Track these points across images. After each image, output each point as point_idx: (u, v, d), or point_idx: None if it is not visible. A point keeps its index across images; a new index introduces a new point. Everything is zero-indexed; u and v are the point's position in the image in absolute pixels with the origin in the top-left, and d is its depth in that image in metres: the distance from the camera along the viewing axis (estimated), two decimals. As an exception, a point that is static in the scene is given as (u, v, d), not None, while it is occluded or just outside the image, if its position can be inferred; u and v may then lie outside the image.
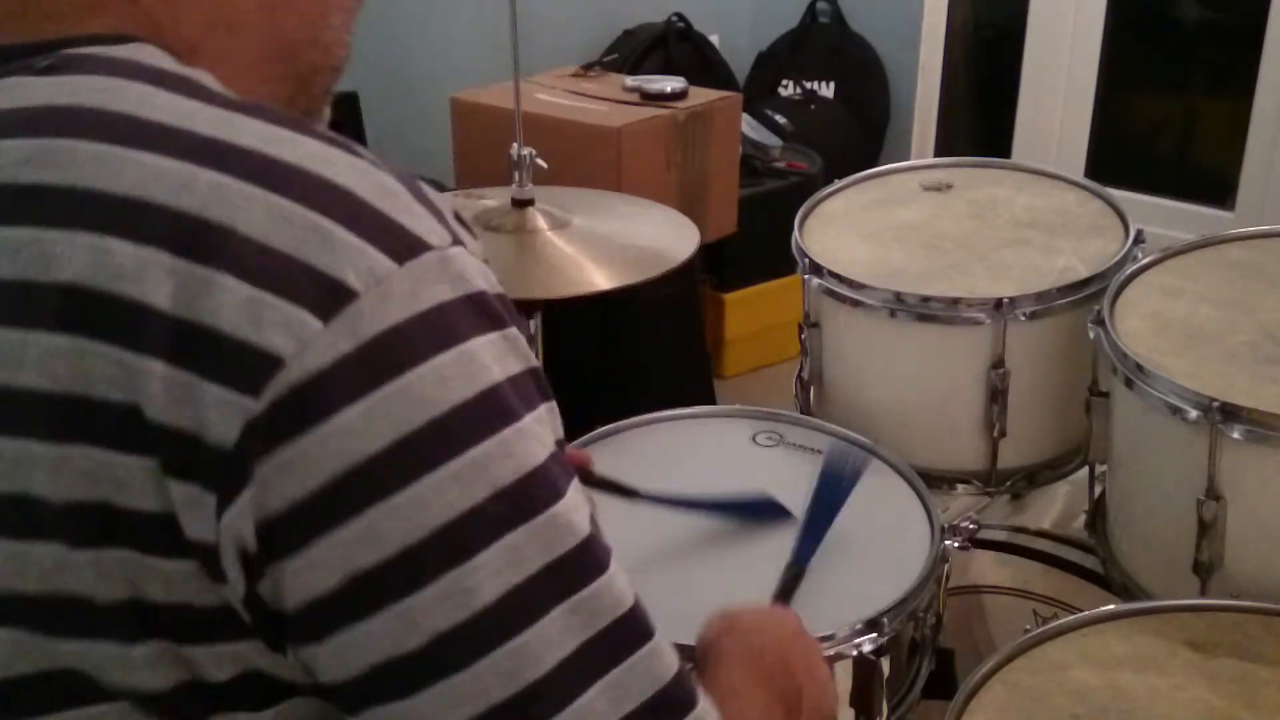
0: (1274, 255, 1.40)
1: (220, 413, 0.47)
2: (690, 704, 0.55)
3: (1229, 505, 1.14)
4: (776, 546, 1.15)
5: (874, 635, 1.08)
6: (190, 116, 0.52)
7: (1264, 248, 1.42)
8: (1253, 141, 3.08)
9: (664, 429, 1.40)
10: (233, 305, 0.47)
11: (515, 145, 1.65)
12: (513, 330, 0.53)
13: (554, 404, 0.55)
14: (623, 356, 2.33)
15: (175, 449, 0.48)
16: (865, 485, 1.30)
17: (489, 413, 0.50)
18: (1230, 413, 1.11)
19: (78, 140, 0.51)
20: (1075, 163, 3.37)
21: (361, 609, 0.49)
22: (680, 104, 2.46)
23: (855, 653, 1.08)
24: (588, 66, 2.69)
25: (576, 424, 1.07)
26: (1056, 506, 1.68)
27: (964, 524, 1.21)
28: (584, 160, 2.28)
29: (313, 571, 0.48)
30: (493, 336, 0.51)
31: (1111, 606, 1.12)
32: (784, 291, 2.77)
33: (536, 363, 0.54)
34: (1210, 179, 3.31)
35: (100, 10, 0.57)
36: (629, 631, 0.54)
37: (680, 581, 1.13)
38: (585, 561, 0.52)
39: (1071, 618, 1.10)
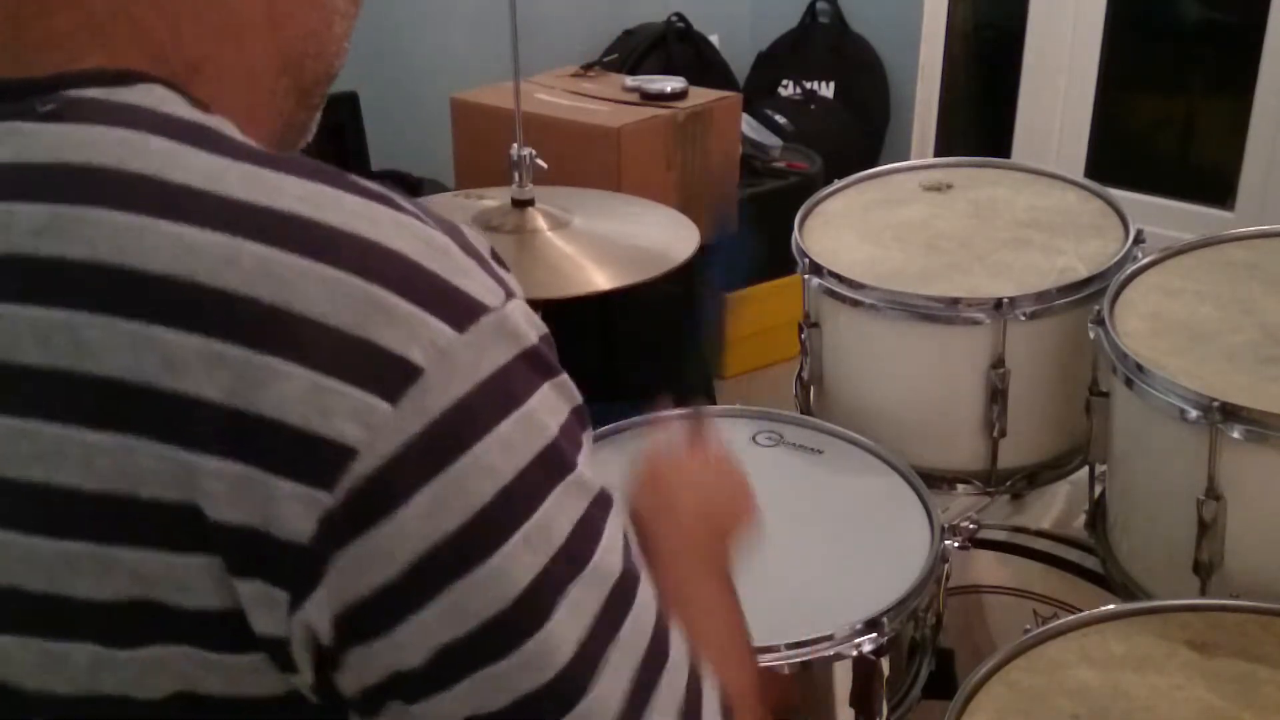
0: (1274, 255, 1.40)
1: (292, 508, 0.45)
2: (697, 708, 0.56)
3: (1229, 505, 1.14)
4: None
5: (874, 635, 1.08)
6: (219, 178, 0.48)
7: (1264, 248, 1.42)
8: (1253, 141, 3.08)
9: (664, 429, 1.40)
10: (296, 395, 0.45)
11: (515, 145, 1.65)
12: (561, 376, 0.52)
13: (590, 432, 0.55)
14: (623, 356, 2.33)
15: (240, 547, 0.46)
16: (865, 485, 1.30)
17: (549, 471, 0.50)
18: (1230, 413, 1.11)
19: (99, 208, 0.47)
20: (1075, 163, 3.37)
21: (448, 679, 0.49)
22: (680, 104, 2.46)
23: (855, 653, 1.08)
24: (588, 66, 2.69)
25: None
26: (1056, 506, 1.68)
27: (964, 524, 1.21)
28: (584, 160, 2.28)
29: (398, 652, 0.48)
30: (545, 389, 0.51)
31: (1111, 606, 1.12)
32: (784, 291, 2.77)
33: (579, 399, 0.53)
34: (1210, 179, 3.31)
35: (98, 34, 0.53)
36: (656, 659, 0.54)
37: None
38: (621, 605, 0.53)
39: (1071, 618, 1.10)
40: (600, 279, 1.54)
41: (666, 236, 1.67)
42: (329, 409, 0.45)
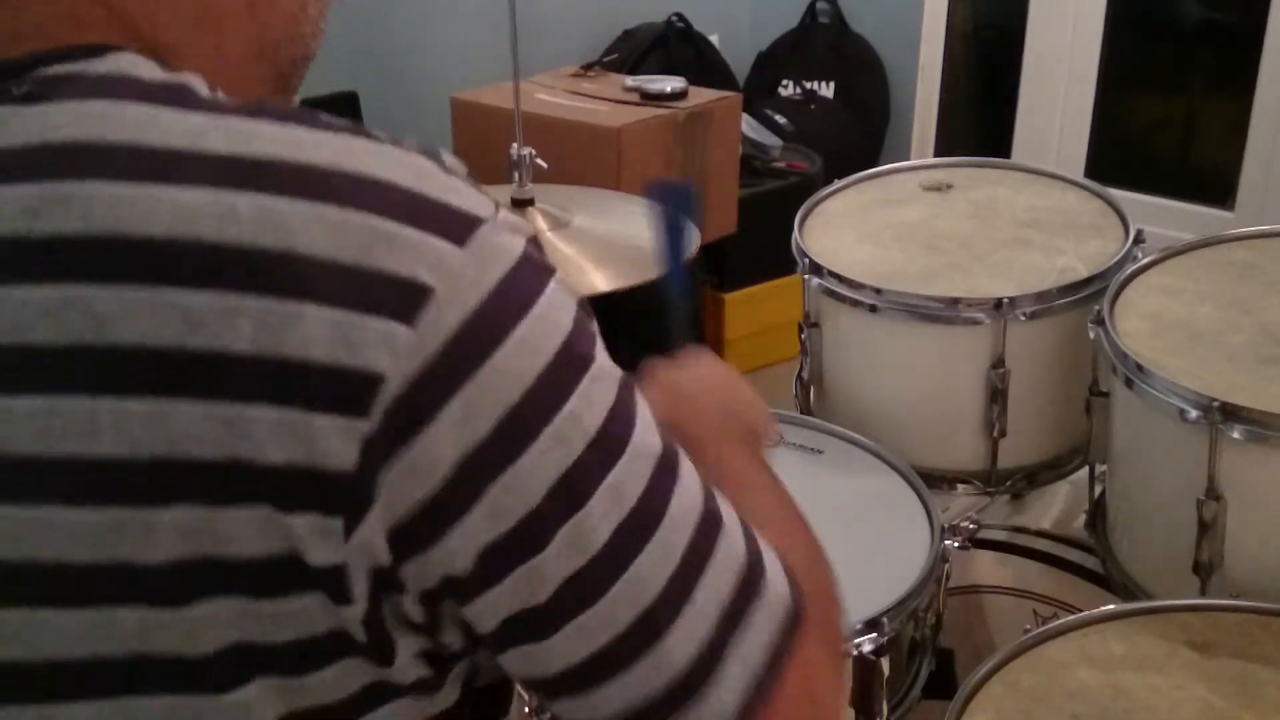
0: (1274, 255, 1.40)
1: (335, 440, 0.47)
2: (760, 569, 0.57)
3: (1229, 505, 1.14)
4: None
5: (874, 635, 1.08)
6: (199, 135, 0.49)
7: (1264, 248, 1.42)
8: (1253, 141, 3.08)
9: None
10: (319, 334, 0.46)
11: (515, 145, 1.65)
12: (559, 273, 0.53)
13: (595, 324, 0.55)
14: (623, 357, 2.33)
15: (290, 486, 0.47)
16: (866, 485, 1.30)
17: (570, 367, 0.51)
18: (1230, 413, 1.11)
19: (87, 182, 0.48)
20: (1075, 163, 3.37)
21: (493, 577, 0.50)
22: (680, 104, 2.46)
23: (855, 653, 1.08)
24: (588, 66, 2.69)
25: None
26: (1056, 506, 1.68)
27: (964, 524, 1.21)
28: (584, 160, 2.28)
29: (449, 558, 0.49)
30: (551, 287, 0.52)
31: (1111, 606, 1.12)
32: (784, 291, 2.77)
33: (576, 295, 0.54)
34: (1210, 179, 3.31)
35: (74, 22, 0.53)
36: (709, 528, 0.55)
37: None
38: (667, 473, 0.54)
39: (1071, 618, 1.10)
40: (600, 279, 1.54)
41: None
42: (353, 342, 0.47)
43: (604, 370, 0.53)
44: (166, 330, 0.46)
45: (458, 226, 0.49)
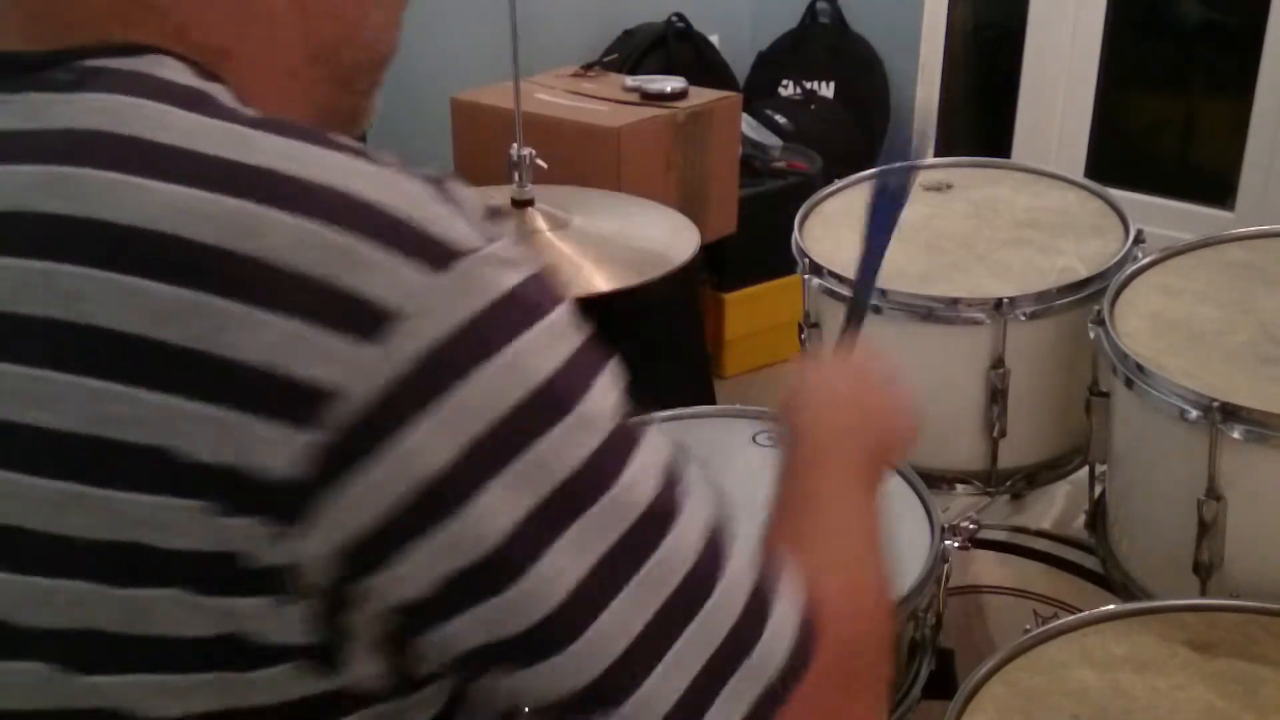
0: (1274, 255, 1.40)
1: (273, 447, 0.47)
2: (760, 623, 0.55)
3: (1229, 505, 1.14)
4: None
5: (874, 635, 1.08)
6: (201, 136, 0.50)
7: (1264, 248, 1.42)
8: (1253, 141, 3.08)
9: (664, 429, 1.40)
10: (270, 340, 0.47)
11: (515, 145, 1.65)
12: (560, 310, 0.52)
13: (609, 371, 0.54)
14: (623, 357, 2.33)
15: (222, 488, 0.47)
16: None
17: (542, 409, 0.50)
18: (1230, 413, 1.11)
19: (92, 168, 0.49)
20: (1075, 163, 3.37)
21: (452, 609, 0.50)
22: (680, 104, 2.46)
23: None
24: (588, 66, 2.69)
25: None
26: (1056, 506, 1.68)
27: (964, 524, 1.21)
28: (584, 160, 2.28)
29: (399, 585, 0.49)
30: (537, 329, 0.51)
31: (1111, 606, 1.12)
32: (784, 291, 2.77)
33: (585, 333, 0.54)
34: (1210, 179, 3.31)
35: (121, 19, 0.55)
36: (700, 588, 0.54)
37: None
38: (652, 533, 0.53)
39: (1071, 618, 1.10)
40: (600, 279, 1.54)
41: (666, 237, 1.66)
42: (302, 353, 0.47)
43: (591, 420, 0.52)
44: (135, 319, 0.47)
45: (437, 255, 0.49)
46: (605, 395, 0.53)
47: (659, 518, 0.53)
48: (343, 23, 0.61)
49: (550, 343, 0.51)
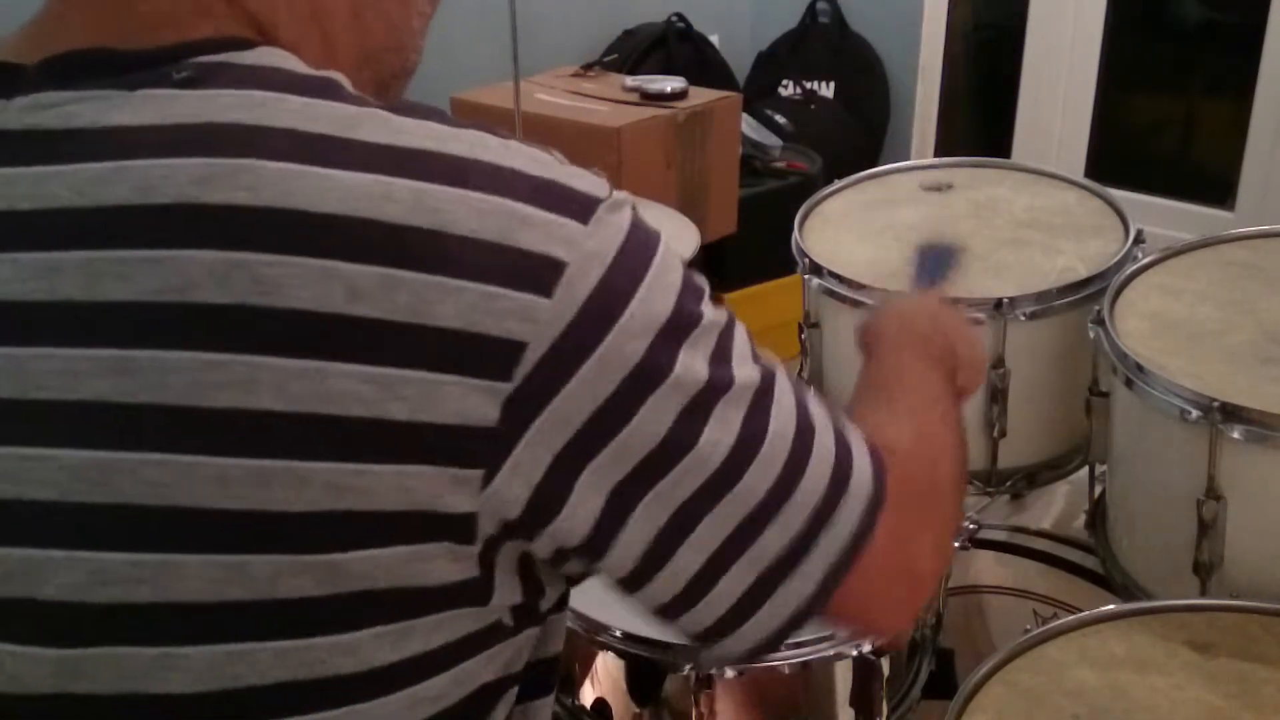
0: (1274, 255, 1.40)
1: (478, 400, 0.51)
2: (849, 463, 0.62)
3: (1229, 505, 1.14)
4: None
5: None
6: (352, 126, 0.54)
7: (1264, 248, 1.42)
8: (1253, 141, 3.08)
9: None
10: (467, 305, 0.51)
11: (515, 145, 1.65)
12: (661, 235, 0.59)
13: (700, 274, 0.61)
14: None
15: (435, 441, 0.51)
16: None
17: (683, 320, 0.56)
18: (1230, 413, 1.11)
19: (253, 159, 0.52)
20: (1075, 163, 3.37)
21: (622, 510, 0.56)
22: (680, 104, 2.46)
23: (855, 653, 1.08)
24: (588, 66, 2.69)
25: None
26: (1056, 506, 1.68)
27: (964, 524, 1.21)
28: (584, 160, 2.28)
29: (580, 503, 0.55)
30: (660, 250, 0.57)
31: (1111, 606, 1.12)
32: (784, 291, 2.77)
33: (677, 250, 0.60)
34: (1210, 179, 3.31)
35: (204, 13, 0.57)
36: (805, 437, 0.61)
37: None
38: (765, 397, 0.59)
39: (1071, 618, 1.10)
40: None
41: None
42: (496, 312, 0.51)
43: (709, 319, 0.58)
44: (329, 298, 0.50)
45: (581, 207, 0.55)
46: (704, 289, 0.60)
47: (767, 391, 0.60)
48: (391, 29, 0.65)
49: (670, 259, 0.58)
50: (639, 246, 0.56)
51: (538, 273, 0.52)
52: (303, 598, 0.52)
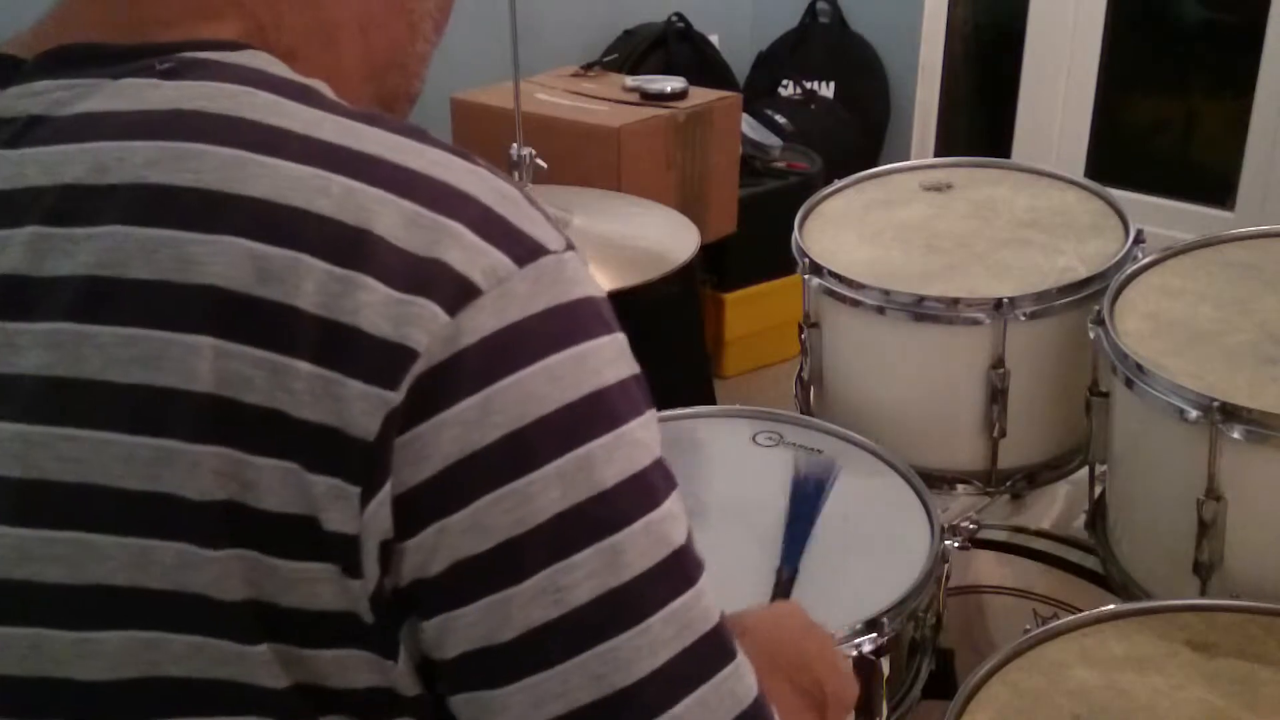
0: (1274, 255, 1.40)
1: (363, 406, 0.48)
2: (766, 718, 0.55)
3: (1229, 505, 1.14)
4: (762, 553, 1.16)
5: (874, 635, 1.08)
6: (316, 125, 0.53)
7: (1264, 248, 1.42)
8: (1253, 141, 3.08)
9: (664, 429, 1.39)
10: (374, 305, 0.49)
11: (515, 145, 1.65)
12: (621, 336, 0.54)
13: (655, 412, 0.56)
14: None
15: (318, 446, 0.49)
16: (865, 485, 1.30)
17: (597, 415, 0.51)
18: (1230, 413, 1.11)
19: (207, 144, 0.52)
20: (1075, 163, 3.37)
21: (461, 596, 0.50)
22: (680, 104, 2.46)
23: (855, 653, 1.08)
24: (588, 66, 2.69)
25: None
26: (1056, 506, 1.68)
27: (964, 524, 1.21)
28: (584, 160, 2.28)
29: (422, 555, 0.50)
30: (604, 340, 0.53)
31: (1111, 606, 1.12)
32: (784, 291, 2.77)
33: (639, 370, 0.55)
34: (1210, 179, 3.31)
35: (210, 16, 0.58)
36: (717, 648, 0.54)
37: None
38: (679, 572, 0.53)
39: (1071, 618, 1.10)
40: (600, 279, 1.53)
41: (666, 237, 1.66)
42: (400, 318, 0.49)
43: (638, 441, 0.53)
44: (243, 277, 0.49)
45: (523, 249, 0.52)
46: (650, 429, 0.54)
47: (686, 569, 0.53)
48: (396, 46, 0.65)
49: (615, 357, 0.53)
50: (580, 317, 0.52)
51: (449, 289, 0.49)
52: (203, 595, 0.50)
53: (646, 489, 0.52)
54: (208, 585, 0.50)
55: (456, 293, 0.49)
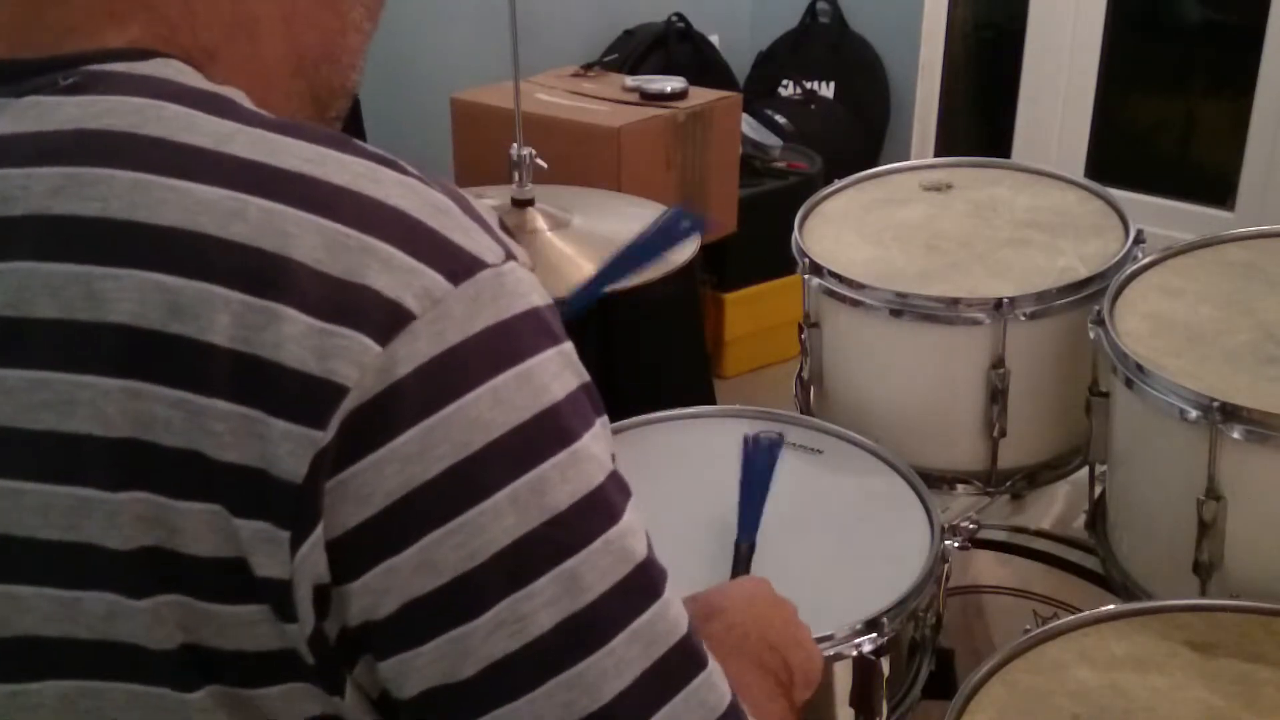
0: (1274, 255, 1.40)
1: (289, 447, 0.46)
2: None
3: (1229, 505, 1.14)
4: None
5: (874, 635, 1.08)
6: (228, 139, 0.50)
7: (1264, 248, 1.42)
8: (1253, 141, 3.08)
9: (664, 429, 1.40)
10: (294, 337, 0.46)
11: (515, 145, 1.65)
12: (567, 344, 0.52)
13: (606, 419, 0.53)
14: (623, 356, 2.33)
15: (242, 488, 0.46)
16: (865, 485, 1.30)
17: (547, 435, 0.49)
18: (1230, 413, 1.11)
19: (112, 169, 0.49)
20: (1075, 163, 3.37)
21: (415, 637, 0.48)
22: (680, 104, 2.46)
23: (855, 653, 1.08)
24: (588, 66, 2.69)
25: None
26: (1056, 506, 1.68)
27: (964, 524, 1.21)
28: (584, 160, 2.28)
29: (371, 597, 0.48)
30: (550, 353, 0.50)
31: (1111, 606, 1.12)
32: (784, 291, 2.77)
33: (588, 377, 0.53)
34: (1210, 179, 3.31)
35: (117, 19, 0.54)
36: (686, 659, 0.52)
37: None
38: (642, 587, 0.51)
39: (1071, 618, 1.10)
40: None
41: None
42: (325, 350, 0.46)
43: (591, 455, 0.50)
44: (150, 313, 0.46)
45: (458, 265, 0.48)
46: (601, 440, 0.52)
47: (649, 581, 0.52)
48: (324, 37, 0.61)
49: (561, 369, 0.51)
50: (522, 332, 0.49)
51: (378, 317, 0.46)
52: (134, 644, 0.48)
53: (603, 505, 0.50)
54: (138, 634, 0.48)
55: (386, 320, 0.46)
